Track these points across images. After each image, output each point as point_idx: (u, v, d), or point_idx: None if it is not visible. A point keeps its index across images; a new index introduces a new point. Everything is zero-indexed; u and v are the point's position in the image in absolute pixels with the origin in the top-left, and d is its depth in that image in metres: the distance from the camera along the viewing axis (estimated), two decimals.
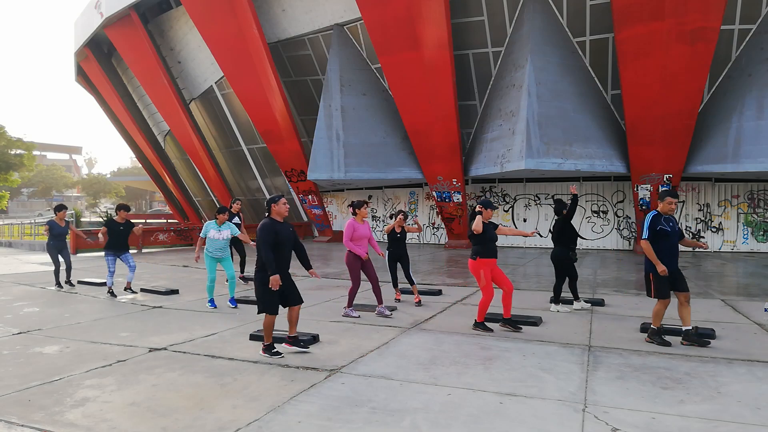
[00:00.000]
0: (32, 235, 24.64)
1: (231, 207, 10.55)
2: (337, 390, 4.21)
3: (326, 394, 4.13)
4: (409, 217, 8.43)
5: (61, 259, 9.93)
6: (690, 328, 5.59)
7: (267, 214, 5.25)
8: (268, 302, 5.08)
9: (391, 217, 8.37)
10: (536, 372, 4.69)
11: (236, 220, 10.41)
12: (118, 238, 9.02)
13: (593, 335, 6.03)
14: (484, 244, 6.23)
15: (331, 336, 5.93)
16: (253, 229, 22.56)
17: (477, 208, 6.30)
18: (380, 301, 7.23)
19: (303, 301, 5.34)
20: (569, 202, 7.52)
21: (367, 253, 7.23)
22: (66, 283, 9.84)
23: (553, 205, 7.80)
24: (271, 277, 4.96)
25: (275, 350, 5.15)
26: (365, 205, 7.26)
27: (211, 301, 7.79)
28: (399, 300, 8.15)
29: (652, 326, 5.72)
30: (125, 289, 8.98)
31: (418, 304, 7.89)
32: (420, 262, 13.93)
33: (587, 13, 15.74)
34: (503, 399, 4.03)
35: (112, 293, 8.75)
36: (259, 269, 5.11)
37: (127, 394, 4.13)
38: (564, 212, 7.52)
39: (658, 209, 5.71)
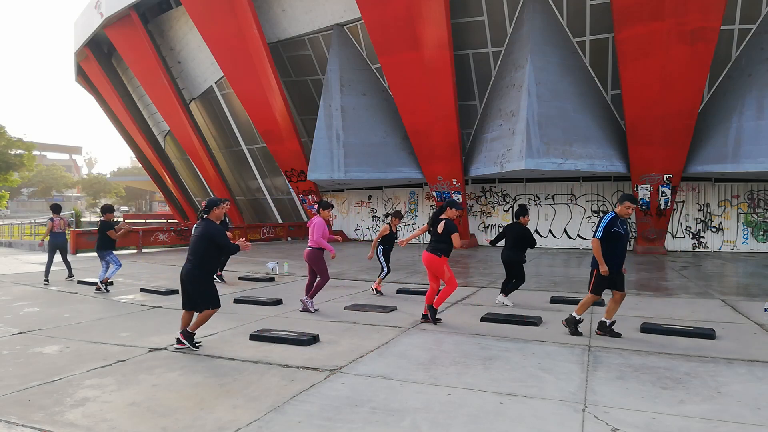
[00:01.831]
0: (32, 235, 24.64)
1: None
2: (337, 390, 4.21)
3: (326, 394, 4.13)
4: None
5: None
6: (610, 321, 5.94)
7: (206, 215, 5.43)
8: (216, 296, 5.44)
9: (386, 216, 8.78)
10: (536, 372, 4.69)
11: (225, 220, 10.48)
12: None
13: (593, 335, 6.03)
14: (450, 244, 6.55)
15: (331, 336, 5.93)
16: (253, 228, 22.52)
17: (456, 213, 6.71)
18: (312, 295, 7.44)
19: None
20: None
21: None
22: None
23: (516, 208, 8.15)
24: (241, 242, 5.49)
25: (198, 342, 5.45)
26: (329, 209, 7.62)
27: None
28: (380, 291, 8.83)
29: (573, 314, 6.02)
30: (101, 283, 9.07)
31: (378, 293, 8.71)
32: (420, 262, 13.92)
33: (587, 13, 15.74)
34: (503, 399, 4.03)
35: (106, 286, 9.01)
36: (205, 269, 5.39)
37: (127, 394, 4.13)
38: (523, 218, 7.82)
39: (616, 211, 5.89)
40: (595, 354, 5.27)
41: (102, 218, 9.41)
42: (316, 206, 7.77)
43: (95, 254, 11.26)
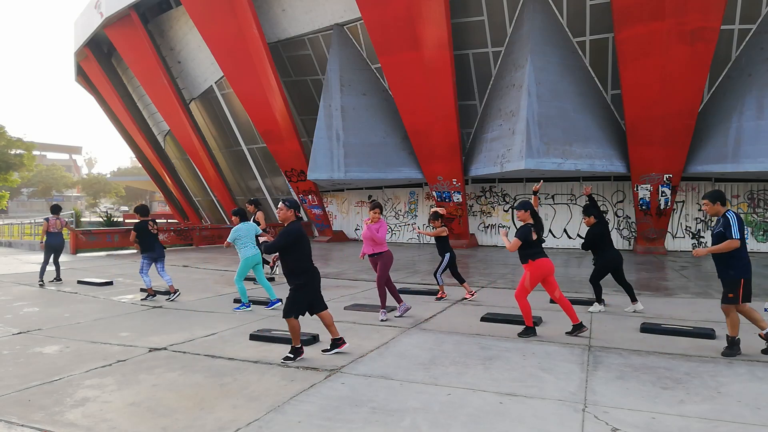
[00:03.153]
0: (32, 234, 24.65)
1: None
2: (337, 390, 4.22)
3: (326, 394, 4.13)
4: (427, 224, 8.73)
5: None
6: (733, 336, 5.25)
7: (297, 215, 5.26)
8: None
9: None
10: (536, 372, 4.69)
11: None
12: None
13: (593, 335, 6.03)
14: (531, 248, 6.04)
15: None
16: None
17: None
18: (383, 305, 7.04)
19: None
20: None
21: (375, 253, 7.06)
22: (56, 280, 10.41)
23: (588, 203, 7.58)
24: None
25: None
26: (375, 209, 7.10)
27: (244, 303, 7.63)
28: (443, 297, 8.39)
29: (732, 336, 5.22)
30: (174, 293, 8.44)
31: (470, 298, 8.28)
32: (420, 262, 13.93)
33: (587, 13, 15.73)
34: (503, 399, 4.03)
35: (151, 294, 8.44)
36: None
37: (127, 394, 4.13)
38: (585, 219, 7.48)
39: None
40: (595, 354, 5.27)
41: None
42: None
43: (95, 254, 11.31)
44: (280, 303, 7.52)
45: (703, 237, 17.50)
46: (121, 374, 4.61)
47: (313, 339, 5.66)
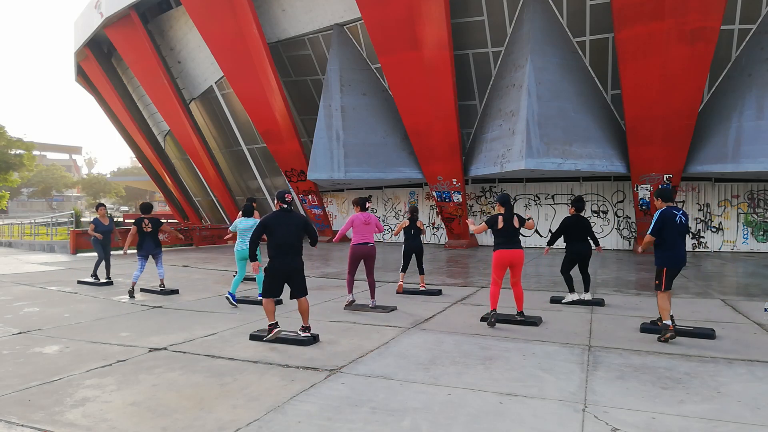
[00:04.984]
0: (32, 235, 24.66)
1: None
2: (337, 390, 4.21)
3: (326, 394, 4.13)
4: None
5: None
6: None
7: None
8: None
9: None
10: (536, 372, 4.69)
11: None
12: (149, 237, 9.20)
13: (593, 335, 6.03)
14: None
15: (331, 336, 5.93)
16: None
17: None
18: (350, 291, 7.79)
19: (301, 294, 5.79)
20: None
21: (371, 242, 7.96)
22: (107, 278, 10.43)
23: (573, 203, 8.04)
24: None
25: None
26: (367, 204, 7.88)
27: (232, 295, 7.95)
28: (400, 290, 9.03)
29: (665, 322, 5.78)
30: (136, 291, 8.72)
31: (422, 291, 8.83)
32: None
33: (587, 13, 15.73)
34: (503, 399, 4.03)
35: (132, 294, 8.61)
36: None
37: (127, 394, 4.13)
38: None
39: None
40: (594, 354, 5.27)
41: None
42: (358, 207, 8.12)
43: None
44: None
45: (703, 237, 17.51)
46: (121, 374, 4.61)
47: (313, 339, 5.65)
